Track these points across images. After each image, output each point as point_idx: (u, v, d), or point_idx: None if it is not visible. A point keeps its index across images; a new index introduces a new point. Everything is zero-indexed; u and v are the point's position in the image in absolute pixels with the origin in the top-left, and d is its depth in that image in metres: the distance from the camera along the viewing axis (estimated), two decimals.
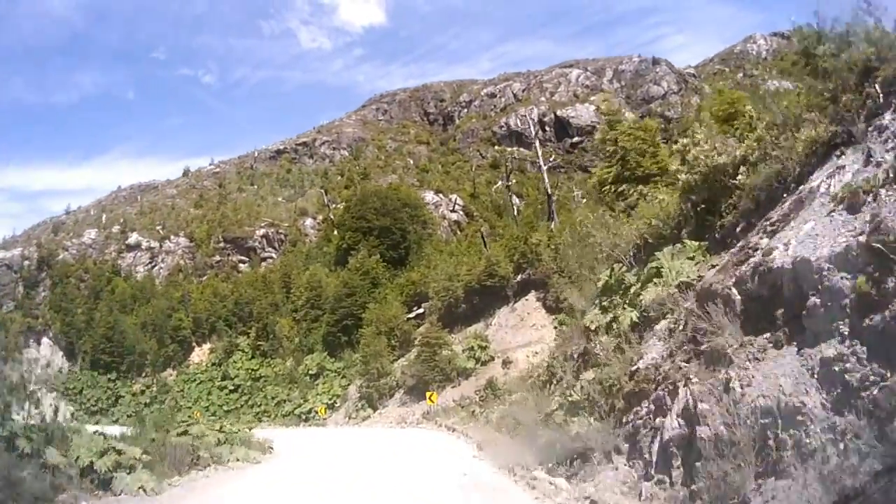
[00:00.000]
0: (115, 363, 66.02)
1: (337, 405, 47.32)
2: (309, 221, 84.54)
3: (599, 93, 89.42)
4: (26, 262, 79.19)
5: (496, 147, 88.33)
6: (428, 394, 33.46)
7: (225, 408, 56.91)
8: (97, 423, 60.38)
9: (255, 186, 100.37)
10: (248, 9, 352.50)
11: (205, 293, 72.27)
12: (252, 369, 59.78)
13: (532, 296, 37.63)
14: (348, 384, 48.60)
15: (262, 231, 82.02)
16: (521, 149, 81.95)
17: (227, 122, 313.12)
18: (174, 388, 63.12)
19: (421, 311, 49.76)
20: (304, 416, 48.00)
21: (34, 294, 76.78)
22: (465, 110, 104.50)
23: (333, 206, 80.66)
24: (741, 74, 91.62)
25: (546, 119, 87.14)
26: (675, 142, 15.66)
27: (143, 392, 64.06)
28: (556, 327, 30.78)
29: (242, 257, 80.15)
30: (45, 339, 72.35)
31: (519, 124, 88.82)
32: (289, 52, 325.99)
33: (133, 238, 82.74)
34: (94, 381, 65.98)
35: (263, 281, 70.77)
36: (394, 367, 43.09)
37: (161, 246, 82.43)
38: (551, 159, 58.16)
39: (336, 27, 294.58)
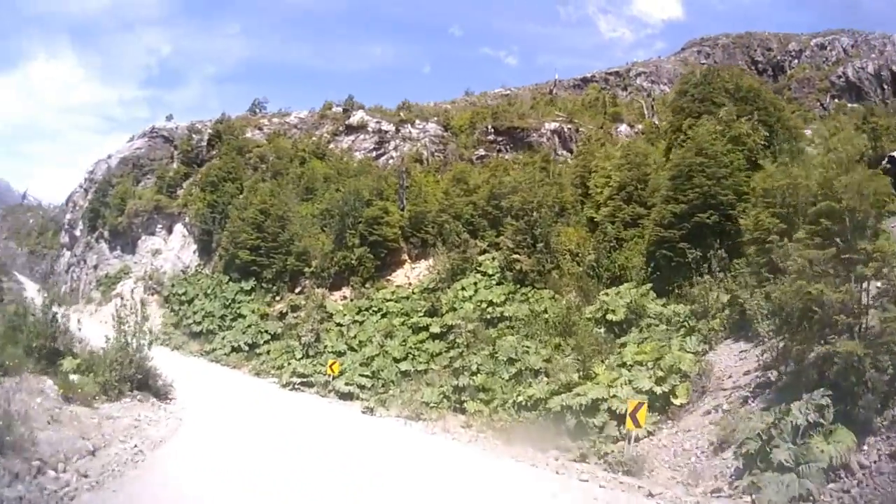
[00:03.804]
0: (258, 266, 42.08)
1: (676, 400, 19.15)
2: (623, 128, 60.41)
3: None
4: (195, 136, 61.13)
5: (836, 100, 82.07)
6: None
7: (403, 366, 29.71)
8: (177, 348, 37.11)
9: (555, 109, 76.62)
10: None
11: (441, 183, 46.24)
12: (490, 303, 32.23)
13: None
14: (704, 350, 21.58)
15: (553, 125, 57.58)
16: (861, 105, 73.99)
17: None
18: (334, 319, 36.47)
19: None
20: (575, 417, 19.53)
21: (191, 172, 57.86)
22: (796, 60, 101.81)
23: (661, 121, 55.89)
24: None
25: (883, 75, 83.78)
26: None
27: (281, 316, 38.79)
28: None
29: (519, 155, 53.05)
30: (177, 226, 50.70)
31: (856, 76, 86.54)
32: (590, 40, 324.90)
33: (357, 117, 59.57)
34: (216, 290, 42.70)
35: (544, 167, 43.57)
36: None
37: (398, 130, 57.80)
38: None
39: (634, 16, 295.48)
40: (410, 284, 39.03)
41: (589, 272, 31.85)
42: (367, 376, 28.85)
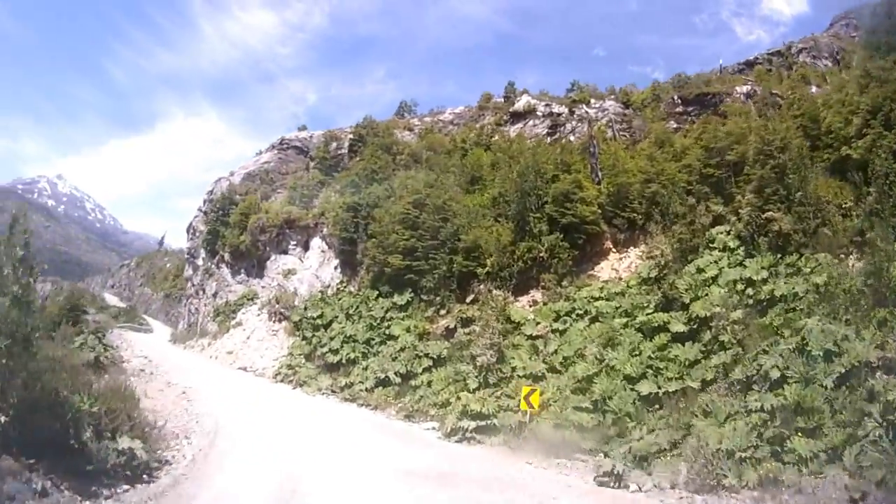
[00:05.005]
0: (415, 273, 33.03)
1: None
2: (813, 89, 49.17)
3: None
4: (333, 143, 54.53)
5: None
6: None
7: (643, 387, 19.52)
8: (302, 384, 30.98)
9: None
10: (678, 4, 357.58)
11: (642, 151, 36.03)
12: (748, 282, 22.54)
13: None
14: None
15: (745, 88, 49.79)
16: None
17: None
18: (522, 330, 26.77)
19: None
20: None
21: (328, 181, 50.37)
22: None
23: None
24: None
25: None
26: None
27: (448, 333, 29.13)
28: None
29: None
30: (314, 241, 43.36)
31: None
32: (730, 46, 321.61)
33: (522, 102, 51.31)
34: (360, 308, 34.77)
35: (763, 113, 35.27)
36: None
37: (571, 112, 49.28)
38: None
39: (766, 16, 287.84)
40: (621, 279, 28.80)
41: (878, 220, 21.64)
42: (586, 410, 18.91)
